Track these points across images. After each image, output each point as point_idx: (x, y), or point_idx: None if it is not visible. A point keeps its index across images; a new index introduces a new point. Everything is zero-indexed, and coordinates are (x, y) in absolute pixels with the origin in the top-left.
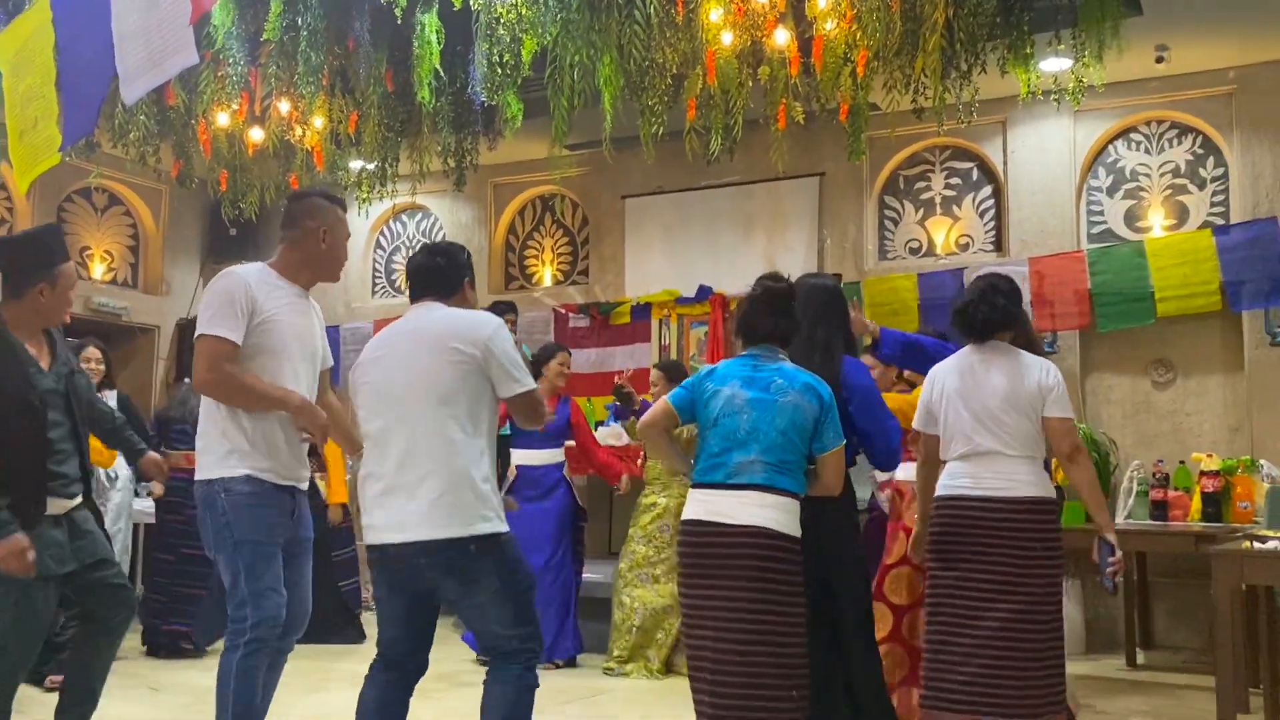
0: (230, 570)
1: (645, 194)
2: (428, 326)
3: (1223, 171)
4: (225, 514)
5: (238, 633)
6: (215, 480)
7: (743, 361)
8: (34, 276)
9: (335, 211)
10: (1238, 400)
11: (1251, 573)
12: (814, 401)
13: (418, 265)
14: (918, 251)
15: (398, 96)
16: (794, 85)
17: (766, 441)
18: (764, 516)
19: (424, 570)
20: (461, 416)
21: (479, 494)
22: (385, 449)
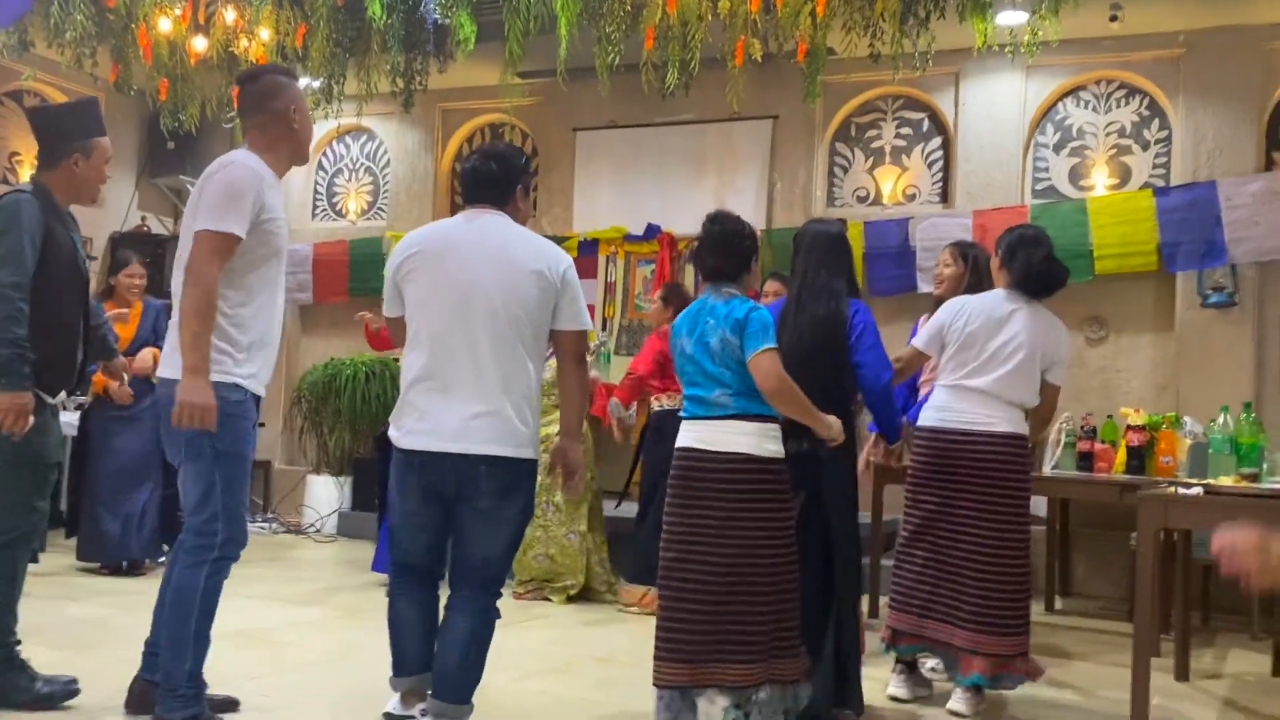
0: (203, 481)
1: (597, 128)
2: (503, 240)
3: (1166, 134)
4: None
5: (204, 547)
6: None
7: (690, 308)
8: (69, 146)
9: (296, 87)
10: (1166, 359)
11: (1175, 516)
12: (732, 327)
13: (472, 169)
14: (865, 200)
15: (348, 11)
16: (754, 22)
17: (720, 378)
18: (742, 443)
19: (479, 481)
20: (528, 338)
21: (533, 417)
22: (450, 353)
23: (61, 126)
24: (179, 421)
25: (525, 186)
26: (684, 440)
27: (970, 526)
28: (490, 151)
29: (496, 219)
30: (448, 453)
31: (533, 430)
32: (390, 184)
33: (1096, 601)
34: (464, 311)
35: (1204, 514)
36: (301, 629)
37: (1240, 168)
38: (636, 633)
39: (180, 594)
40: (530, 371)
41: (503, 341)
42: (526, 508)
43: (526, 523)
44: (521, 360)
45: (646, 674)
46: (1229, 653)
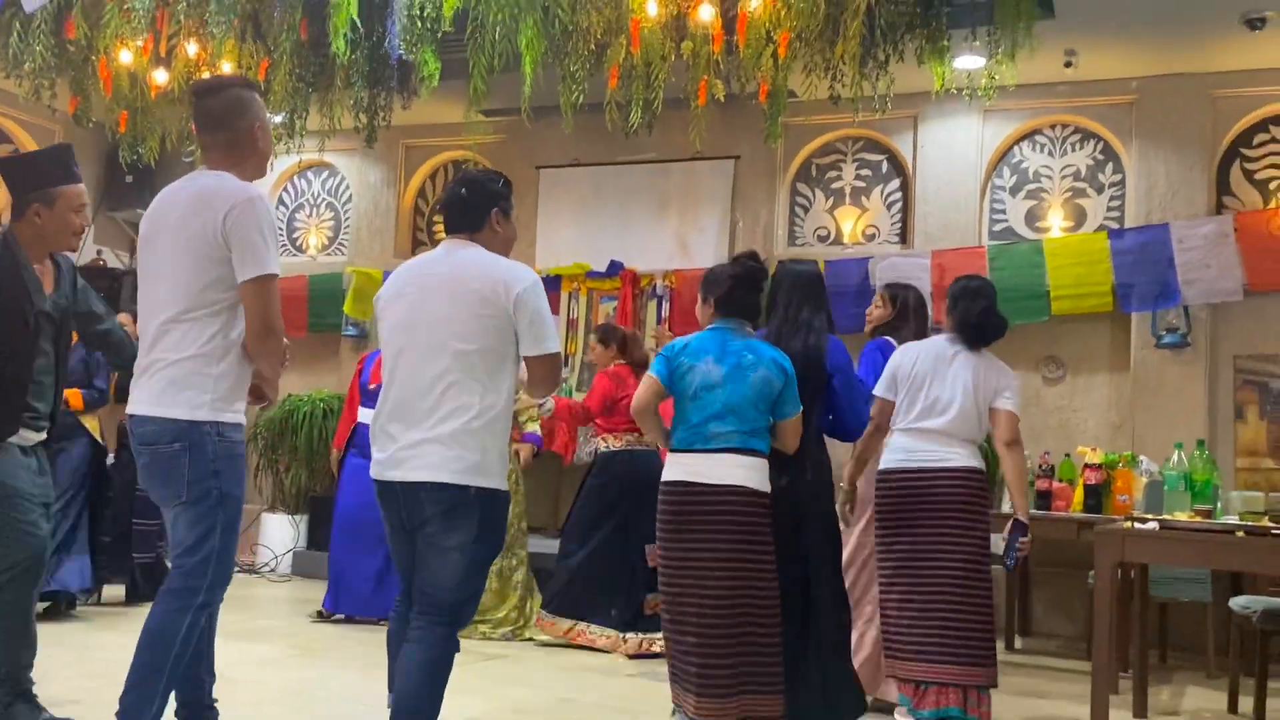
0: (203, 524)
1: (560, 165)
2: (457, 266)
3: (1120, 178)
4: (215, 461)
5: (192, 590)
6: (209, 423)
7: (713, 336)
8: (29, 197)
9: (259, 100)
10: (1121, 399)
11: (1131, 551)
12: (779, 375)
13: (446, 197)
14: (826, 239)
15: (311, 46)
16: (716, 63)
17: (741, 413)
18: (740, 475)
19: (422, 508)
20: (478, 368)
21: (487, 446)
22: (403, 386)
23: (23, 177)
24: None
25: (503, 210)
26: (675, 474)
27: (945, 561)
28: (464, 178)
29: (462, 249)
30: (393, 481)
31: (484, 459)
32: (352, 219)
33: (1055, 640)
34: (413, 346)
35: (1160, 548)
36: (255, 667)
37: (1192, 211)
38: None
39: (159, 637)
40: (481, 402)
41: (448, 373)
42: (483, 538)
43: (485, 554)
44: (473, 391)
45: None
46: (1186, 689)
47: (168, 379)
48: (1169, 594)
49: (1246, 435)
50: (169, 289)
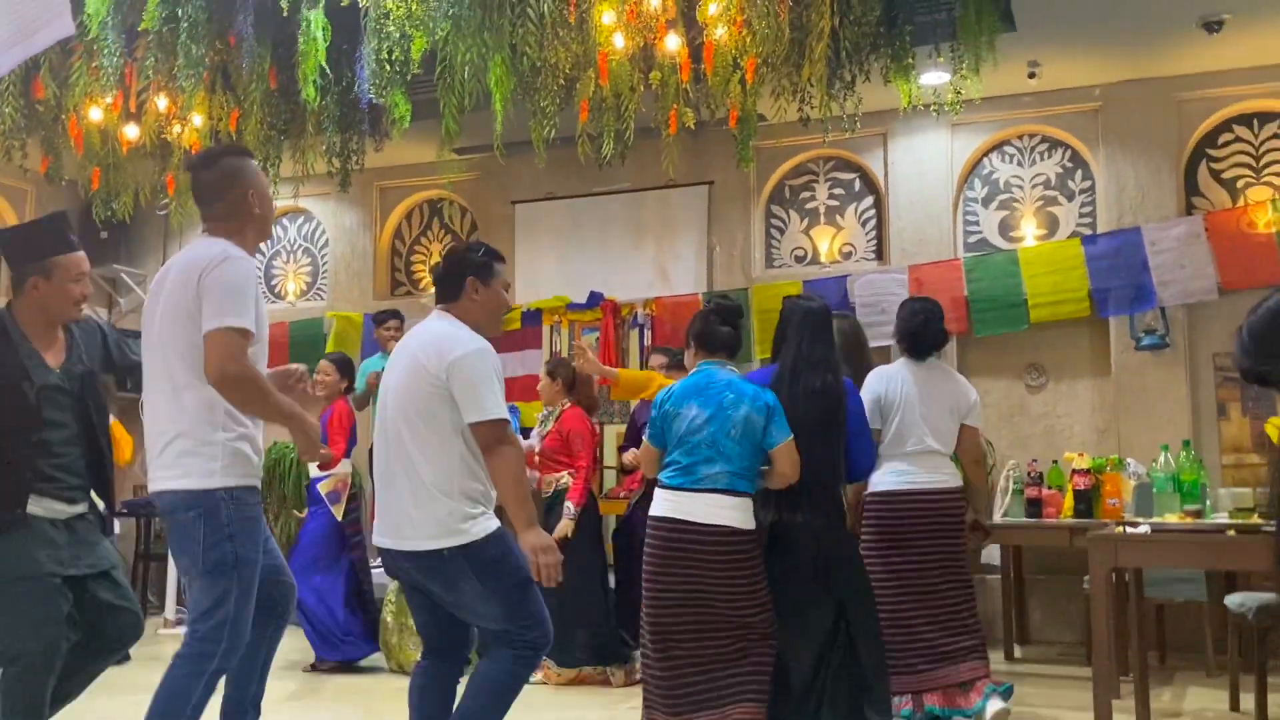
0: (218, 588)
1: (535, 200)
2: (418, 339)
3: (1090, 184)
4: (229, 525)
5: (206, 656)
6: (220, 490)
7: (696, 379)
8: (28, 268)
9: (251, 165)
10: (1105, 402)
11: (1125, 555)
12: (760, 409)
13: (433, 271)
14: (803, 259)
15: (281, 94)
16: (685, 91)
17: (727, 453)
18: (726, 516)
19: (412, 573)
20: (423, 434)
21: (450, 506)
22: (378, 458)
23: (19, 250)
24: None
25: (480, 278)
26: (664, 510)
27: (945, 572)
28: (447, 252)
29: (432, 320)
30: (382, 548)
31: (449, 520)
32: (329, 264)
33: (1054, 647)
34: (387, 418)
35: (1154, 552)
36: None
37: (1162, 213)
38: None
39: (172, 701)
40: (433, 468)
41: (406, 441)
42: (488, 582)
43: (505, 586)
44: (429, 456)
45: None
46: (1187, 690)
47: (177, 450)
48: (1164, 595)
49: (1230, 432)
50: (163, 359)
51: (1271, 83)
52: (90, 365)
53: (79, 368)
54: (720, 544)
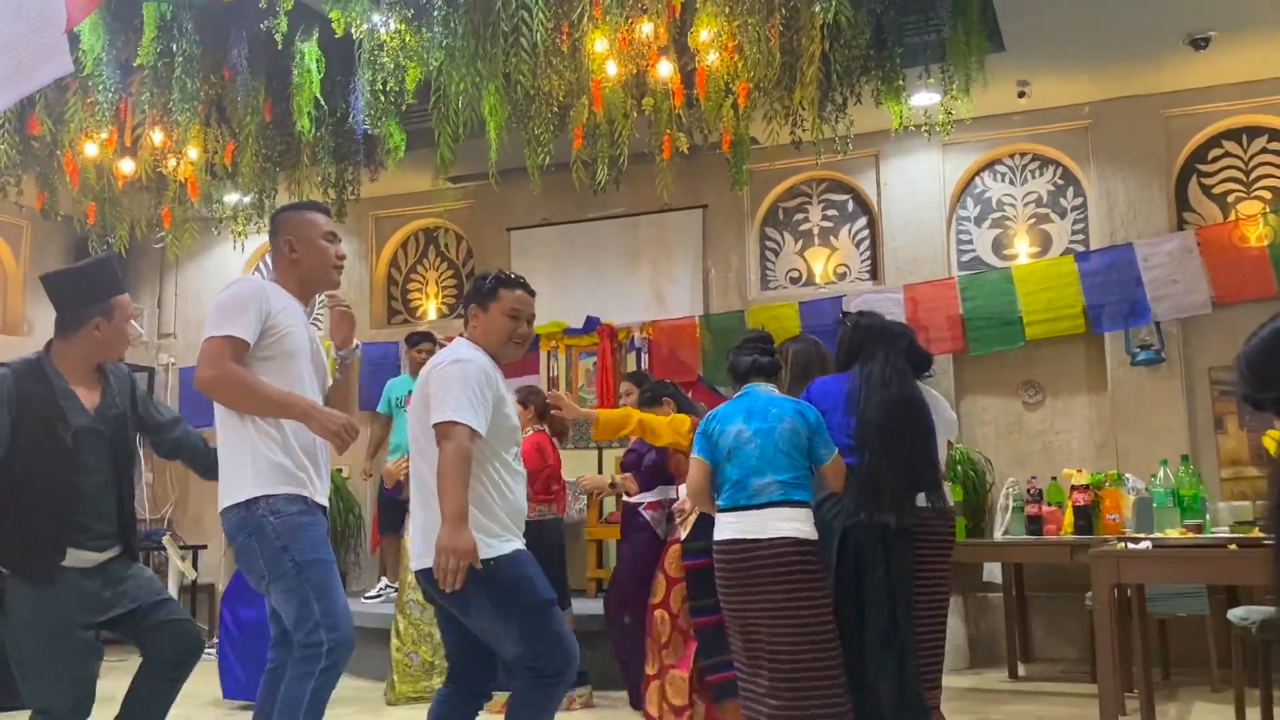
0: (297, 596)
1: (531, 226)
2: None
3: (1081, 201)
4: (279, 537)
5: (311, 658)
6: (257, 500)
7: (738, 401)
8: (89, 310)
9: (300, 219)
10: (1102, 418)
11: (1127, 571)
12: (803, 423)
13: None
14: (798, 281)
15: (276, 126)
16: (678, 116)
17: (776, 464)
18: (787, 528)
19: (431, 594)
20: (425, 451)
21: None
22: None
23: (79, 291)
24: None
25: (479, 302)
26: (726, 533)
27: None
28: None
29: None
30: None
31: None
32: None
33: (1058, 664)
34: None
35: (1156, 568)
36: None
37: (1154, 229)
38: None
39: (287, 705)
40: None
41: (418, 464)
42: (502, 604)
43: (520, 607)
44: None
45: None
46: (1193, 706)
47: (223, 472)
48: (1167, 610)
49: (1228, 446)
50: None
51: (1259, 98)
52: (123, 408)
53: (113, 410)
54: (784, 556)
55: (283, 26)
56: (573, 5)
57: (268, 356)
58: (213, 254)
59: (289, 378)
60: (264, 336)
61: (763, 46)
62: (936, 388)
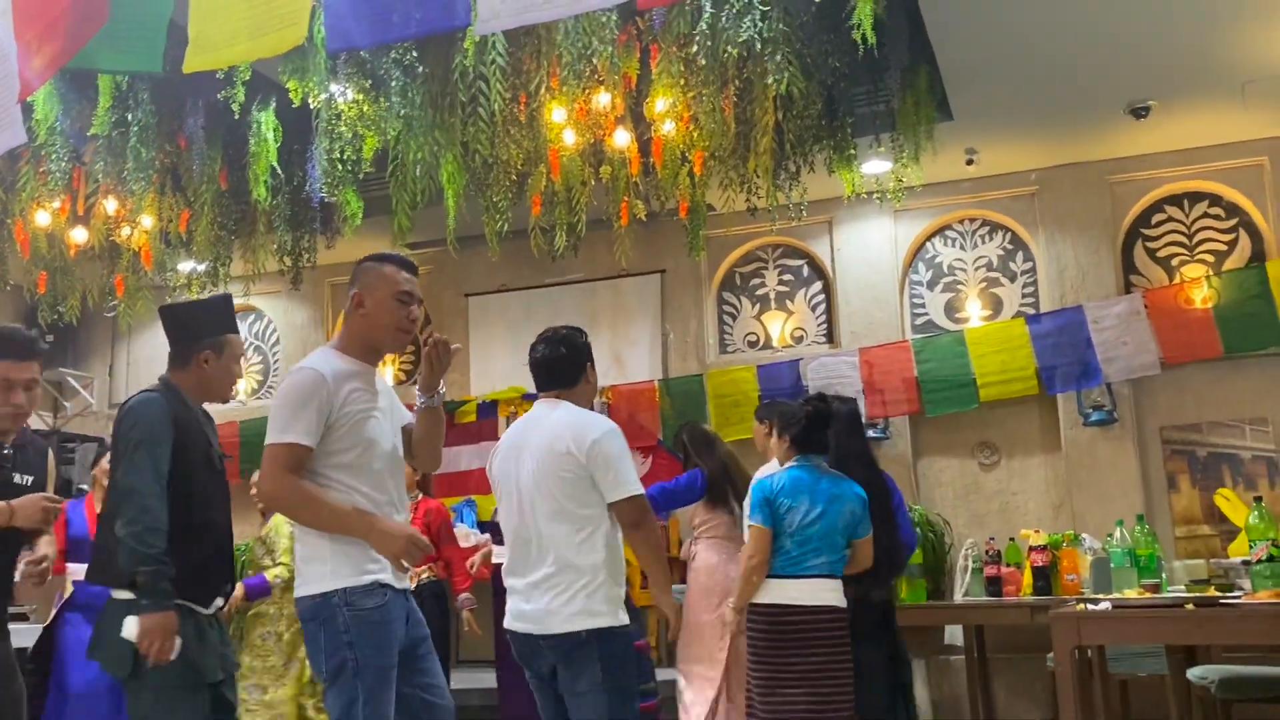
0: (344, 697)
1: (489, 292)
2: (548, 424)
3: (1031, 265)
4: (347, 632)
5: None
6: (334, 592)
7: (802, 475)
8: (200, 344)
9: (377, 271)
10: (1058, 478)
11: (1088, 633)
12: (861, 506)
13: (541, 357)
14: (756, 344)
15: (232, 194)
16: (635, 184)
17: (832, 543)
18: (831, 598)
19: (548, 660)
20: (574, 515)
21: (595, 590)
22: (513, 544)
23: (192, 324)
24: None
25: (592, 363)
26: (772, 598)
27: None
28: (555, 338)
29: (553, 407)
30: (519, 633)
31: (585, 601)
32: (280, 362)
33: None
34: (523, 505)
35: (1116, 629)
36: None
37: (1103, 291)
38: None
39: None
40: (581, 551)
41: (551, 526)
42: (609, 675)
43: (621, 684)
44: (578, 541)
45: None
46: None
47: (297, 558)
48: (1128, 670)
49: (1181, 504)
50: None
51: (1198, 164)
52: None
53: (218, 451)
54: (824, 623)
55: (239, 97)
56: (530, 76)
57: (342, 463)
58: None
59: (368, 475)
60: (332, 431)
61: (717, 117)
62: (893, 450)
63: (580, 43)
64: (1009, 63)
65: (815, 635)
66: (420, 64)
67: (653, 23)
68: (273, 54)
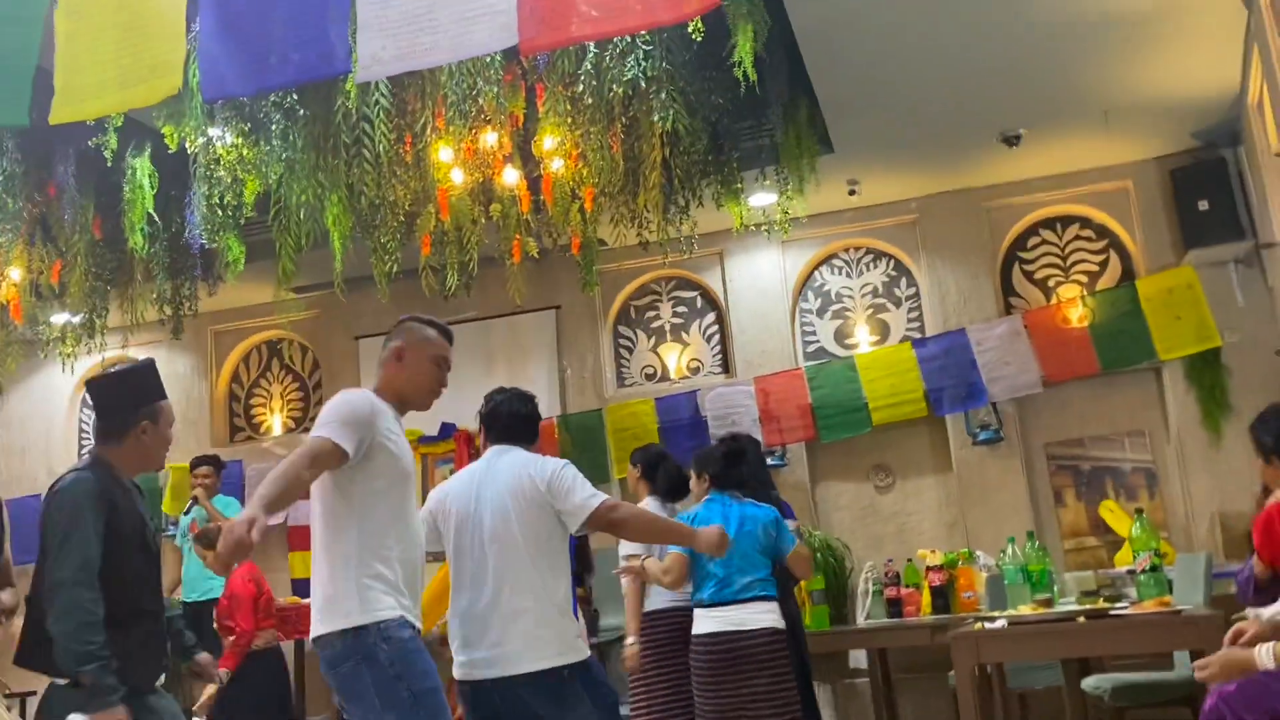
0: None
1: (379, 334)
2: (510, 468)
3: (914, 291)
4: (393, 665)
5: None
6: (368, 627)
7: (713, 505)
8: (137, 413)
9: (422, 332)
10: (950, 498)
11: (986, 652)
12: (773, 524)
13: (508, 410)
14: (653, 377)
15: (106, 243)
16: (526, 221)
17: (756, 563)
18: (770, 620)
19: (523, 699)
20: (543, 553)
21: (570, 624)
22: (473, 590)
23: (126, 394)
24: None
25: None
26: (710, 627)
27: None
28: (523, 394)
29: (502, 455)
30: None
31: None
32: None
33: None
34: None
35: (1013, 646)
36: None
37: (984, 314)
38: None
39: None
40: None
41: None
42: (597, 700)
43: (606, 704)
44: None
45: None
46: None
47: (319, 592)
48: (1026, 684)
49: (1068, 518)
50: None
51: (1069, 189)
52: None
53: (151, 528)
54: (768, 645)
55: (112, 143)
56: (415, 116)
57: (381, 489)
58: (38, 377)
59: (406, 506)
60: (377, 454)
61: (605, 154)
62: (792, 476)
63: (465, 83)
64: (885, 96)
65: (759, 658)
66: (301, 106)
67: (538, 63)
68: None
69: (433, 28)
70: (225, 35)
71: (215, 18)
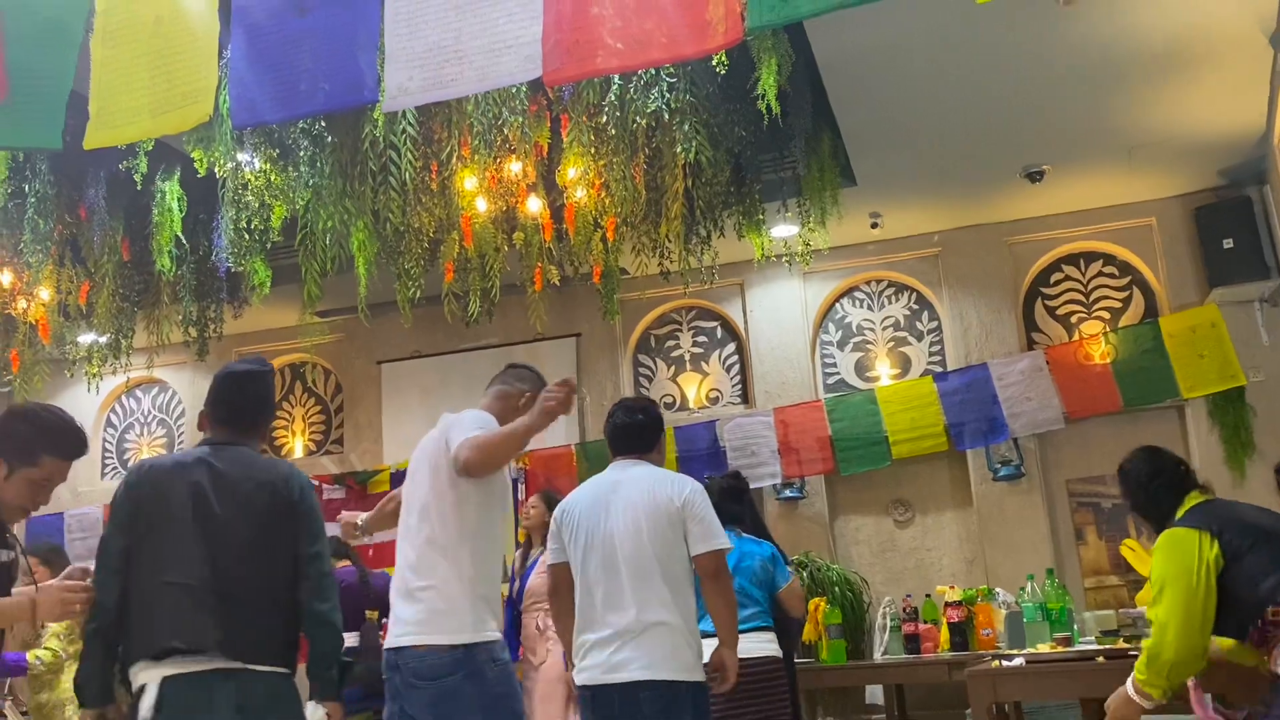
0: None
1: (402, 359)
2: (637, 479)
3: (936, 324)
4: (499, 684)
5: None
6: (479, 646)
7: None
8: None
9: (542, 388)
10: (970, 534)
11: (1004, 690)
12: (770, 559)
13: (620, 423)
14: (672, 406)
15: (134, 265)
16: (548, 249)
17: (756, 597)
18: (770, 649)
19: (642, 706)
20: (678, 570)
21: (694, 642)
22: (609, 598)
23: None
24: None
25: (663, 432)
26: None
27: None
28: (633, 405)
29: (632, 468)
30: (612, 683)
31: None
32: (185, 434)
33: None
34: (617, 559)
35: (1030, 685)
36: None
37: (1006, 349)
38: None
39: None
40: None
41: (656, 583)
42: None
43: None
44: (682, 593)
45: None
46: None
47: (427, 603)
48: None
49: (1089, 555)
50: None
51: (1092, 225)
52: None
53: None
54: (767, 673)
55: (142, 167)
56: (441, 145)
57: (496, 517)
58: (64, 396)
59: (498, 517)
60: (496, 480)
61: (628, 184)
62: (810, 509)
63: (491, 113)
64: (909, 130)
65: (760, 686)
66: (329, 133)
67: (562, 94)
68: (176, 131)
69: (459, 59)
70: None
71: (247, 45)
